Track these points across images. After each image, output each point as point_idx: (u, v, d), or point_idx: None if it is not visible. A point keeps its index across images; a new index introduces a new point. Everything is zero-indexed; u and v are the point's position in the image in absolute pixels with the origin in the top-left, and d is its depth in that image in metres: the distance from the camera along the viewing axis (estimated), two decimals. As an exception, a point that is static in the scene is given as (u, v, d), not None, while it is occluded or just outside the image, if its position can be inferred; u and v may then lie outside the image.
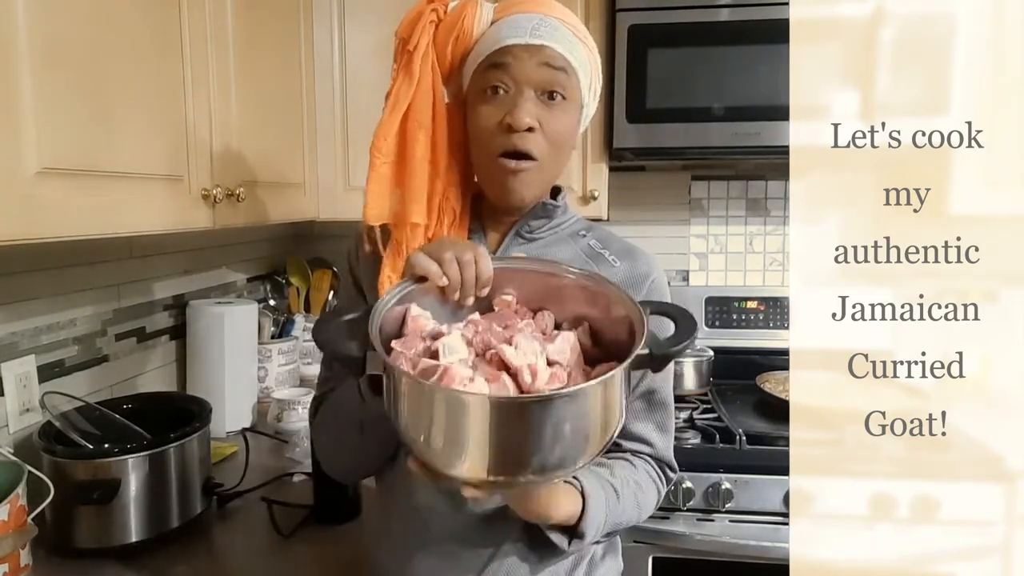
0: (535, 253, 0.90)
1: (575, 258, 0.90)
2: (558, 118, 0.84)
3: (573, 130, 0.88)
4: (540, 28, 0.83)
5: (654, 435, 0.93)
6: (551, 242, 0.92)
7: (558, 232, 0.93)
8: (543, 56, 0.82)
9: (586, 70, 0.86)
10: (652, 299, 0.88)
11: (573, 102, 0.86)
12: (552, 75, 0.83)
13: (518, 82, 0.83)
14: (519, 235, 0.91)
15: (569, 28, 0.84)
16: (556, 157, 0.86)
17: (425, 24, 0.85)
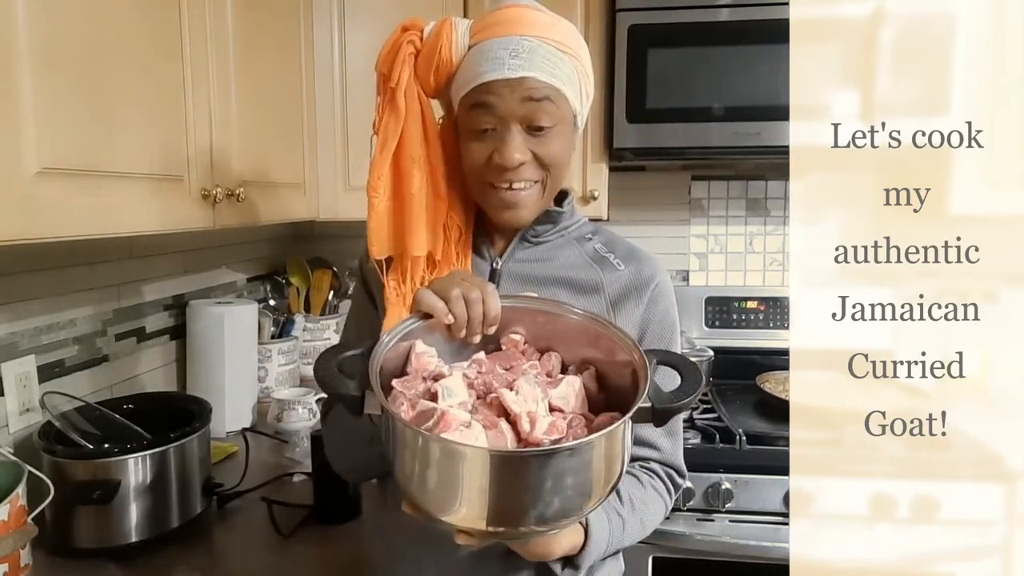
0: (540, 256, 0.92)
1: (580, 261, 0.92)
2: (549, 144, 0.84)
3: (567, 148, 0.87)
4: (518, 55, 0.81)
5: (662, 440, 0.92)
6: (557, 245, 0.93)
7: (564, 235, 0.94)
8: (524, 90, 0.81)
9: (573, 82, 0.85)
10: (658, 304, 0.90)
11: (563, 123, 0.85)
12: (535, 108, 0.82)
13: (503, 119, 0.82)
14: (525, 239, 0.93)
15: (549, 44, 0.82)
16: (556, 175, 0.87)
17: (404, 57, 0.86)
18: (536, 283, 0.91)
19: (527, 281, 0.91)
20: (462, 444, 0.62)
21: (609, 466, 0.65)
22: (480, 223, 0.94)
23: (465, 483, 0.61)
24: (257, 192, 1.36)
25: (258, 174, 1.37)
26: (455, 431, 0.63)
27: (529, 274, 0.91)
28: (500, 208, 0.87)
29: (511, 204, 0.86)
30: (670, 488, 0.94)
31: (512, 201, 0.86)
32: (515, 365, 0.74)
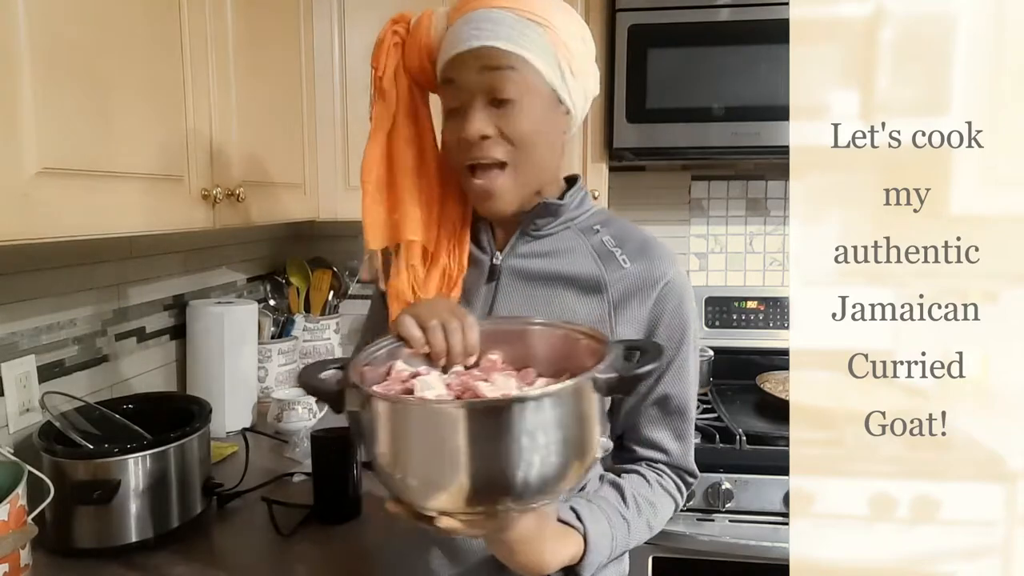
0: (543, 251, 0.89)
1: (585, 257, 0.88)
2: (516, 118, 0.80)
3: (540, 123, 0.82)
4: (481, 27, 0.79)
5: (670, 443, 0.91)
6: (562, 238, 0.90)
7: (571, 227, 0.90)
8: (482, 59, 0.79)
9: (545, 52, 0.80)
10: (667, 303, 0.86)
11: (533, 93, 0.80)
12: (495, 77, 0.79)
13: (467, 93, 0.80)
14: (525, 234, 0.90)
15: (515, 12, 0.78)
16: (528, 156, 0.82)
17: (389, 47, 0.87)
18: (537, 280, 0.88)
19: (528, 278, 0.88)
20: (434, 402, 0.63)
21: (582, 432, 0.66)
22: (479, 217, 0.92)
23: (442, 449, 0.61)
24: (257, 192, 1.36)
25: (258, 174, 1.37)
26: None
27: (531, 270, 0.89)
28: (477, 199, 0.85)
29: (485, 193, 0.83)
30: (680, 487, 0.92)
31: (485, 190, 0.83)
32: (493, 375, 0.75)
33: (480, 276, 0.90)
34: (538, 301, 0.87)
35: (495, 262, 0.90)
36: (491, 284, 0.89)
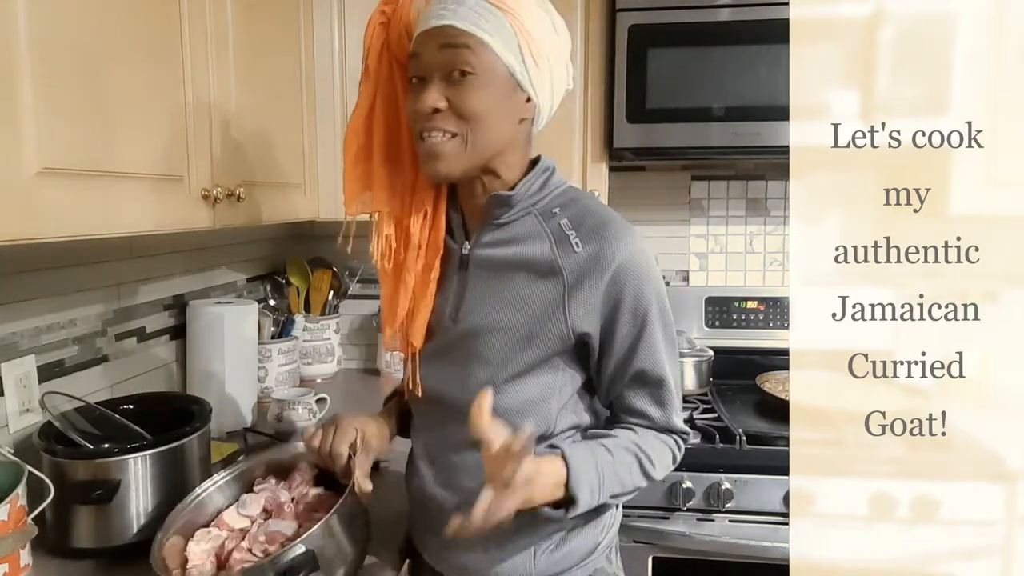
0: (504, 238, 0.93)
1: (541, 239, 0.91)
2: (468, 94, 0.84)
3: (492, 103, 0.85)
4: (446, 7, 0.84)
5: (651, 409, 0.95)
6: (523, 224, 0.93)
7: (532, 212, 0.93)
8: (442, 37, 0.83)
9: (504, 34, 0.84)
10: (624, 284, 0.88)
11: (488, 74, 0.84)
12: (452, 55, 0.83)
13: (424, 67, 0.85)
14: (489, 223, 0.94)
15: (492, 4, 0.83)
16: (476, 129, 0.85)
17: (376, 26, 0.93)
18: (499, 268, 0.92)
19: (491, 267, 0.92)
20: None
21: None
22: (453, 208, 0.97)
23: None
24: (257, 192, 1.36)
25: (258, 174, 1.37)
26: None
27: (492, 259, 0.92)
28: (423, 161, 0.89)
29: (430, 154, 0.87)
30: (677, 443, 0.97)
31: (430, 151, 0.87)
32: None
33: (453, 266, 0.96)
34: (500, 288, 0.91)
35: (464, 252, 0.95)
36: (462, 273, 0.94)
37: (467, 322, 0.92)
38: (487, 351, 0.91)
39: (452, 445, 0.96)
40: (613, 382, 0.94)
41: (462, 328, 0.93)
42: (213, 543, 0.94)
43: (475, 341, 0.92)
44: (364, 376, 2.19)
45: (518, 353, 0.90)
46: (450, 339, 0.95)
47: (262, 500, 1.00)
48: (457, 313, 0.93)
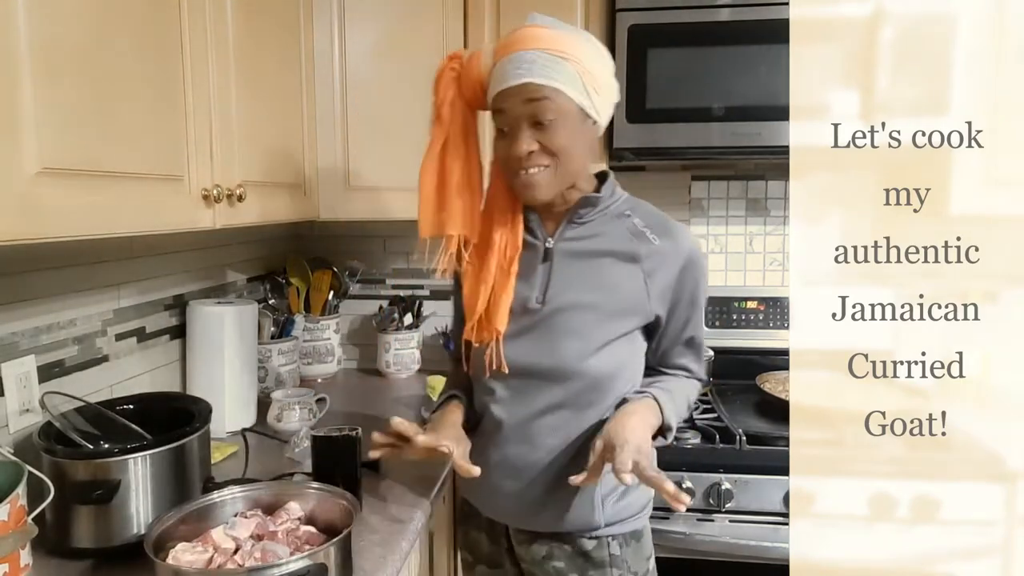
0: (586, 234, 1.12)
1: (622, 236, 1.11)
2: (553, 135, 1.02)
3: (573, 137, 1.04)
4: (520, 67, 1.00)
5: (692, 365, 1.21)
6: (600, 223, 1.13)
7: (606, 214, 1.13)
8: (525, 93, 1.00)
9: (573, 81, 1.00)
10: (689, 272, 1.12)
11: (564, 115, 1.02)
12: (535, 107, 1.00)
13: (513, 119, 1.03)
14: (571, 222, 1.13)
15: (548, 53, 0.99)
16: (564, 162, 1.05)
17: (447, 80, 1.10)
18: (584, 256, 1.11)
19: (576, 255, 1.11)
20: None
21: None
22: (531, 212, 1.14)
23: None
24: (257, 192, 1.36)
25: (258, 174, 1.37)
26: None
27: (578, 250, 1.12)
28: (521, 190, 1.07)
29: (527, 185, 1.06)
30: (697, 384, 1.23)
31: (527, 183, 1.05)
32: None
33: (536, 259, 1.13)
34: (587, 273, 1.11)
35: (548, 246, 1.13)
36: (546, 264, 1.13)
37: (556, 302, 1.10)
38: (577, 325, 1.08)
39: (537, 409, 1.12)
40: (668, 346, 1.18)
41: (550, 308, 1.10)
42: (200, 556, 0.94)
43: (565, 317, 1.09)
44: (364, 376, 2.19)
45: (607, 325, 1.09)
46: (537, 319, 1.11)
47: (252, 525, 1.01)
48: (544, 296, 1.11)
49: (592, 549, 1.14)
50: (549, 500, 1.13)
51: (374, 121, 1.76)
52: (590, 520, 1.13)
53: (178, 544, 0.96)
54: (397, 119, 1.78)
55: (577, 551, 1.15)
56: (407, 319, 2.12)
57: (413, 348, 2.13)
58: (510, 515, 1.19)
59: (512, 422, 1.14)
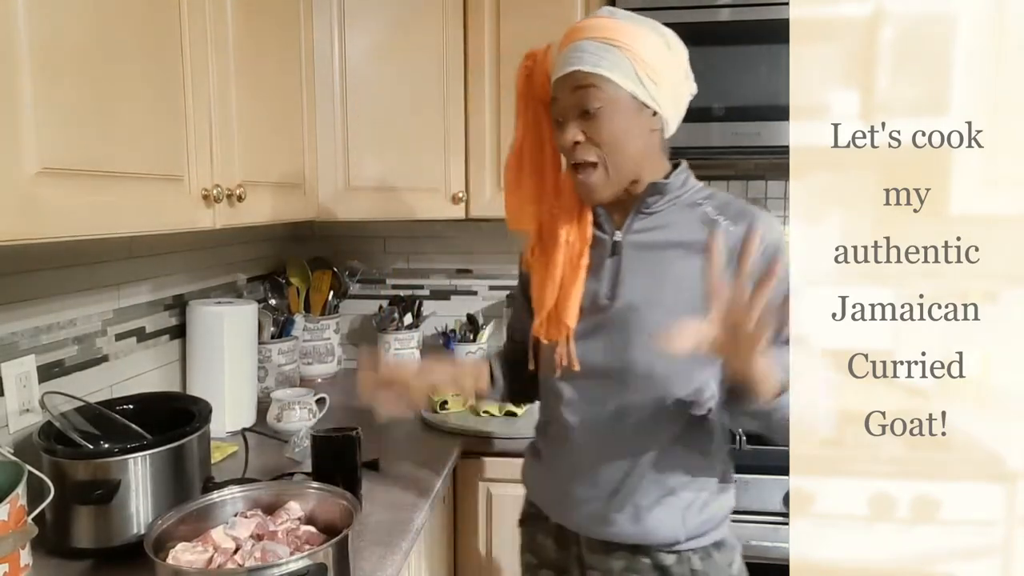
0: (655, 225, 1.07)
1: (692, 226, 1.05)
2: (599, 125, 0.99)
3: (624, 127, 1.00)
4: (571, 56, 0.99)
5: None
6: (669, 213, 1.07)
7: (676, 203, 1.07)
8: (572, 81, 0.99)
9: (624, 69, 0.97)
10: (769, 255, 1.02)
11: (613, 104, 0.98)
12: (581, 95, 0.98)
13: (562, 109, 1.01)
14: (639, 212, 1.08)
15: (599, 41, 0.97)
16: (612, 152, 1.00)
17: (522, 77, 1.09)
18: (653, 249, 1.06)
19: (644, 248, 1.06)
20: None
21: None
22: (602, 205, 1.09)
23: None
24: (257, 192, 1.36)
25: (258, 174, 1.37)
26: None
27: (647, 242, 1.07)
28: (579, 192, 1.06)
29: (581, 187, 1.04)
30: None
31: (581, 185, 1.04)
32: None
33: (604, 253, 1.09)
34: (657, 267, 1.06)
35: (616, 239, 1.08)
36: (614, 257, 1.08)
37: (626, 298, 1.05)
38: (649, 322, 1.02)
39: (609, 412, 1.07)
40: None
41: (621, 304, 1.05)
42: (200, 556, 0.94)
43: (635, 314, 1.04)
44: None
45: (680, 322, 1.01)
46: (607, 317, 1.06)
47: (252, 525, 1.01)
48: (614, 292, 1.06)
49: (672, 564, 1.06)
50: (625, 510, 1.06)
51: (374, 121, 1.76)
52: (671, 534, 1.05)
53: (178, 544, 0.96)
54: (397, 119, 1.79)
55: (655, 565, 1.07)
56: (407, 319, 2.12)
57: (413, 348, 2.13)
58: (583, 524, 1.11)
59: (583, 426, 1.09)
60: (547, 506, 1.17)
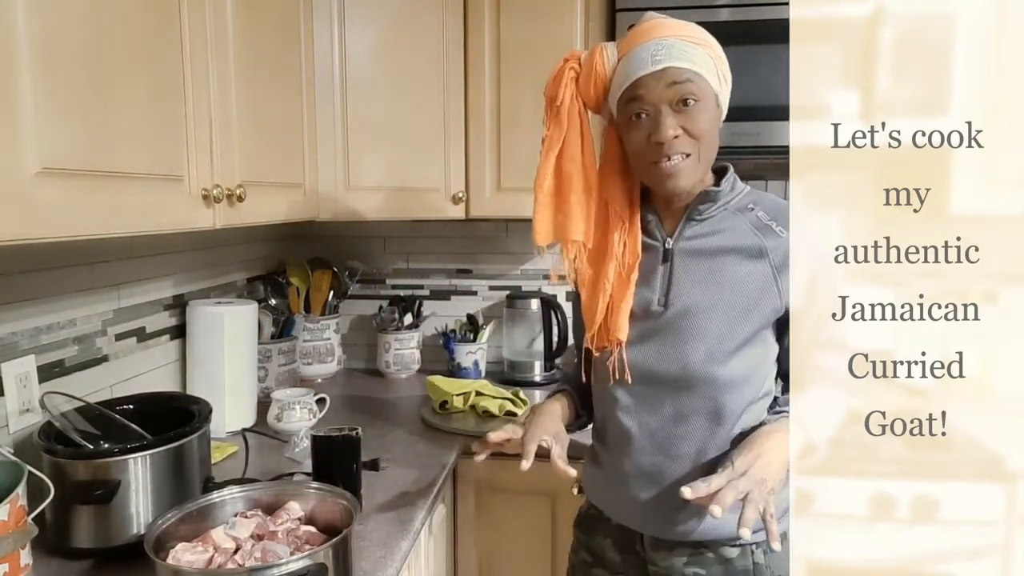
0: (707, 231, 1.07)
1: (745, 231, 1.06)
2: (696, 118, 1.00)
3: (712, 121, 1.03)
4: (658, 53, 1.00)
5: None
6: (721, 219, 1.08)
7: (727, 208, 1.08)
8: (668, 77, 0.99)
9: (709, 66, 1.01)
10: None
11: (706, 98, 1.01)
12: (679, 89, 0.99)
13: (654, 104, 1.00)
14: (691, 219, 1.08)
15: (683, 39, 1.01)
16: (704, 146, 1.02)
17: (567, 81, 1.07)
18: (705, 255, 1.06)
19: (697, 255, 1.07)
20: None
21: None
22: (650, 210, 1.10)
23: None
24: (257, 192, 1.36)
25: (258, 174, 1.37)
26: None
27: (699, 248, 1.07)
28: (662, 180, 1.03)
29: (670, 174, 1.02)
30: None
31: (670, 171, 1.02)
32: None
33: (655, 260, 1.09)
34: (711, 272, 1.05)
35: (667, 247, 1.09)
36: (666, 264, 1.08)
37: (680, 304, 1.05)
38: (703, 328, 1.04)
39: (667, 416, 1.07)
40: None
41: (674, 311, 1.06)
42: (200, 556, 0.95)
43: (690, 320, 1.04)
44: (364, 376, 2.20)
45: (736, 327, 1.04)
46: (660, 323, 1.07)
47: (252, 525, 1.01)
48: (667, 299, 1.06)
49: (736, 557, 1.10)
50: (689, 508, 1.06)
51: (374, 121, 1.77)
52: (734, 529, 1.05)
53: (178, 544, 0.96)
54: (397, 119, 1.79)
55: (719, 559, 1.10)
56: (407, 319, 2.12)
57: (413, 348, 2.13)
58: (648, 524, 1.12)
59: (642, 431, 1.10)
60: (609, 508, 1.17)
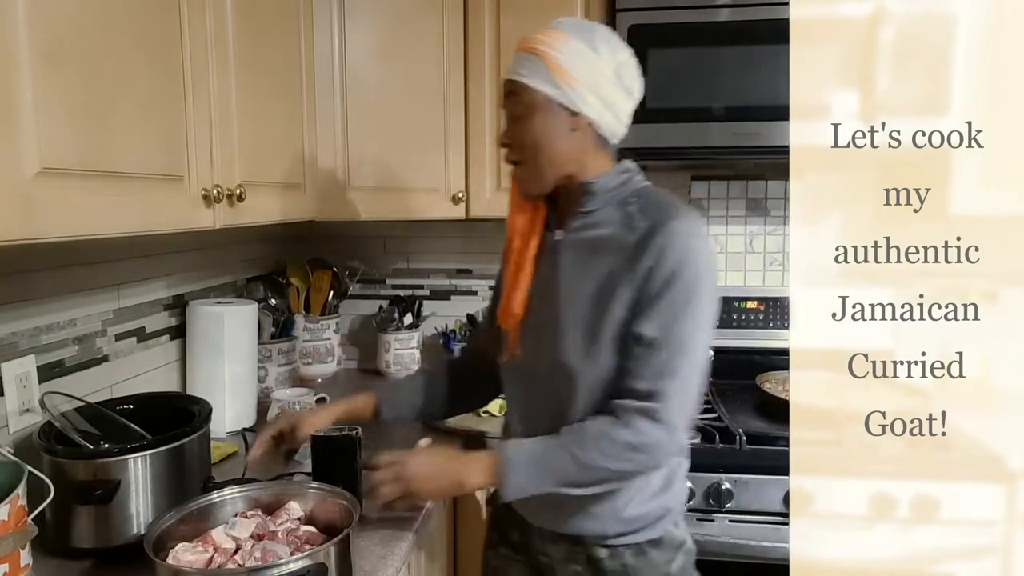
0: (588, 224, 1.09)
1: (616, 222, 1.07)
2: (520, 130, 1.06)
3: (544, 129, 1.04)
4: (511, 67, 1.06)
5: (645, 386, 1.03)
6: (603, 212, 1.09)
7: (611, 203, 1.09)
8: (505, 89, 1.08)
9: (538, 71, 1.02)
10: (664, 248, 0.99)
11: (531, 108, 1.04)
12: (507, 102, 1.07)
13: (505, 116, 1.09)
14: (577, 213, 1.11)
15: (530, 53, 1.03)
16: (533, 153, 1.06)
17: None
18: (583, 247, 1.08)
19: (577, 246, 1.09)
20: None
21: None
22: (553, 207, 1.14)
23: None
24: (257, 192, 1.35)
25: (258, 174, 1.37)
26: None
27: (578, 240, 1.10)
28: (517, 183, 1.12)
29: (516, 180, 1.12)
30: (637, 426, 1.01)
31: (516, 177, 1.12)
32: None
33: (548, 251, 1.13)
34: (584, 267, 1.08)
35: (556, 238, 1.12)
36: (554, 257, 1.12)
37: (558, 296, 1.08)
38: (572, 321, 1.06)
39: (539, 407, 1.12)
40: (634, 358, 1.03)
41: (553, 301, 1.09)
42: (200, 556, 0.95)
43: (562, 312, 1.07)
44: (364, 376, 2.19)
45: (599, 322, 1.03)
46: (541, 315, 1.11)
47: (252, 525, 1.01)
48: (547, 291, 1.10)
49: (605, 558, 1.09)
50: (561, 503, 1.07)
51: (374, 121, 1.76)
52: (600, 528, 1.09)
53: (178, 544, 0.96)
54: (397, 119, 1.78)
55: (589, 558, 1.11)
56: (407, 319, 2.12)
57: (413, 348, 2.13)
58: (531, 513, 1.16)
59: (521, 419, 1.16)
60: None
